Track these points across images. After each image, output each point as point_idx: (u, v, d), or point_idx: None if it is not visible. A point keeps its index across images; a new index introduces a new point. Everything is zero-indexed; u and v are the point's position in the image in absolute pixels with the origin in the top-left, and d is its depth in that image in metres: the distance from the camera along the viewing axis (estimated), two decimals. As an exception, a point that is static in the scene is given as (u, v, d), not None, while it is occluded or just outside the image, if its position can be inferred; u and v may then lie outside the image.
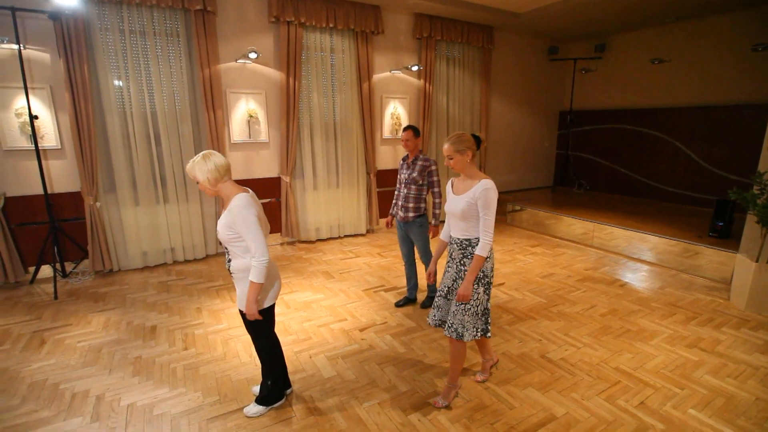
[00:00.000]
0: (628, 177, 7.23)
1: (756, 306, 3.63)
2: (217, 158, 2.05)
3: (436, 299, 2.53)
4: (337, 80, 5.61)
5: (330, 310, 3.76)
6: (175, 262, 4.95)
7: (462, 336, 2.35)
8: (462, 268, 2.37)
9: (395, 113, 6.19)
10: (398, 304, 3.80)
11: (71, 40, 4.02)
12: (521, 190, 8.01)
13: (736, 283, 3.84)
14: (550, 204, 6.90)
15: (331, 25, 5.29)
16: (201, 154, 2.06)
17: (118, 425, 2.34)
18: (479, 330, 2.41)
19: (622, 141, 7.25)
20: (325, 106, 5.59)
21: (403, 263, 3.84)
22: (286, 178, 5.44)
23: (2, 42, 3.81)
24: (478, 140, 2.35)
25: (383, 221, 6.45)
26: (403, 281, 4.36)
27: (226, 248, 2.19)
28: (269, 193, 5.51)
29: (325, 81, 5.52)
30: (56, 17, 3.82)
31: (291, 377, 2.76)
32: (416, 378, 2.77)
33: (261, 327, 2.28)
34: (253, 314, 2.11)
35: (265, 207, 5.53)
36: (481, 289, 2.36)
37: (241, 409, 2.45)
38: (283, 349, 3.10)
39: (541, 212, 6.27)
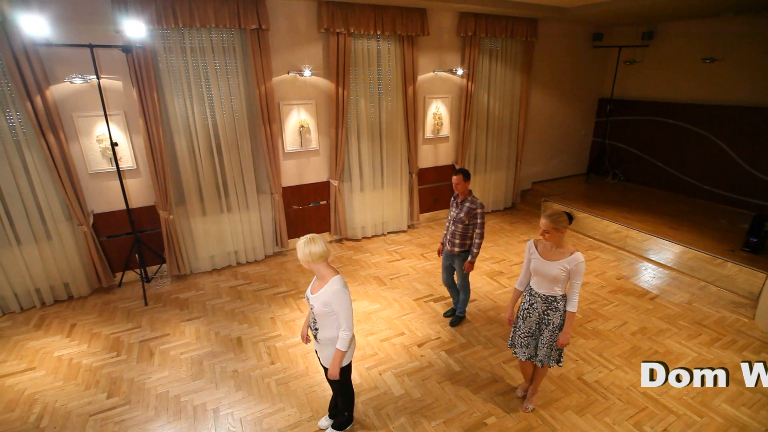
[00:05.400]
0: (664, 171, 7.27)
1: (778, 329, 3.97)
2: (314, 246, 2.35)
3: (522, 339, 2.97)
4: (383, 86, 5.71)
5: (388, 322, 4.26)
6: (238, 264, 5.48)
7: (544, 364, 2.95)
8: (545, 317, 2.84)
9: (437, 113, 6.30)
10: (446, 315, 4.33)
11: (141, 70, 4.26)
12: (554, 179, 8.13)
13: (762, 304, 4.15)
14: (584, 197, 7.09)
15: (378, 32, 5.31)
16: (306, 237, 2.37)
17: (238, 438, 2.94)
18: (553, 359, 2.95)
19: (661, 134, 7.19)
20: (372, 112, 5.75)
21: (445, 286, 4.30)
22: (334, 182, 5.76)
23: (87, 80, 4.09)
24: (570, 218, 2.67)
25: (423, 217, 6.82)
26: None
27: (314, 318, 2.54)
28: (319, 196, 5.87)
29: (372, 87, 5.63)
30: (128, 50, 4.03)
31: (367, 394, 3.32)
32: (472, 398, 3.29)
33: (345, 377, 2.67)
34: (336, 375, 2.51)
35: (315, 209, 5.92)
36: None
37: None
38: (354, 364, 3.66)
39: (577, 210, 6.49)
